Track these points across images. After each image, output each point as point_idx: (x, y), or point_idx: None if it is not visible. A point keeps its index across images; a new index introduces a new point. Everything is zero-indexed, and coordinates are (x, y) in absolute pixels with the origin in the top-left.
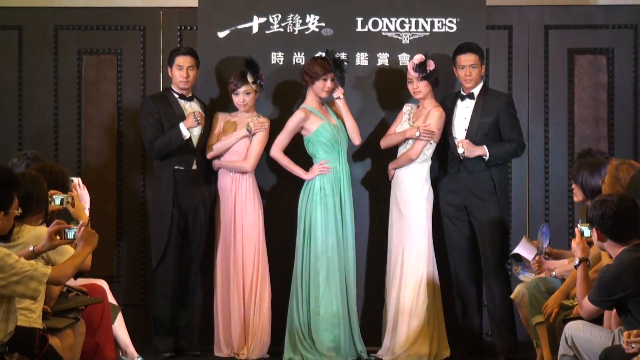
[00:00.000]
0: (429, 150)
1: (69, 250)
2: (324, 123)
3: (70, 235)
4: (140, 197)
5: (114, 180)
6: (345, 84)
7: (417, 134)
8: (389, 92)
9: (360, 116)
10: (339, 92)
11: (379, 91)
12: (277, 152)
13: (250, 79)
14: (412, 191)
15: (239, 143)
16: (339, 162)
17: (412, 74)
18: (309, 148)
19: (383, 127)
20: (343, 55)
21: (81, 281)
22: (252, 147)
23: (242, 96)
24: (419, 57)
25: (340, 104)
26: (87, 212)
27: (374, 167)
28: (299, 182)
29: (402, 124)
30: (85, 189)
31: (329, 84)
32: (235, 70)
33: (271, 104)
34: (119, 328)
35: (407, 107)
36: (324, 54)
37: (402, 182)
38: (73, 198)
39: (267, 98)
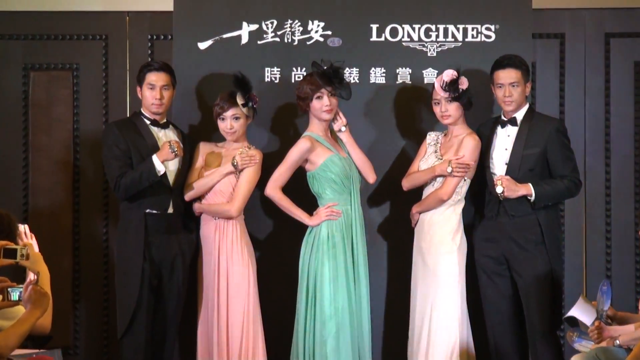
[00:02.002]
0: (463, 188)
1: (18, 312)
2: (333, 155)
3: (15, 296)
4: (103, 248)
5: (70, 227)
6: (357, 106)
7: (449, 169)
8: (411, 116)
9: (375, 147)
10: (340, 124)
11: (398, 116)
12: (274, 190)
13: (239, 100)
14: (442, 240)
15: (224, 181)
16: (351, 204)
17: (440, 93)
18: (314, 186)
19: (403, 160)
20: (354, 72)
21: (26, 353)
22: (238, 187)
23: (229, 122)
24: (449, 74)
25: (344, 138)
26: None
27: (393, 210)
28: (301, 229)
29: (427, 158)
30: (34, 238)
31: (326, 101)
32: (221, 90)
33: (266, 132)
34: None
35: (431, 137)
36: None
37: (429, 228)
38: (27, 248)
39: (260, 125)
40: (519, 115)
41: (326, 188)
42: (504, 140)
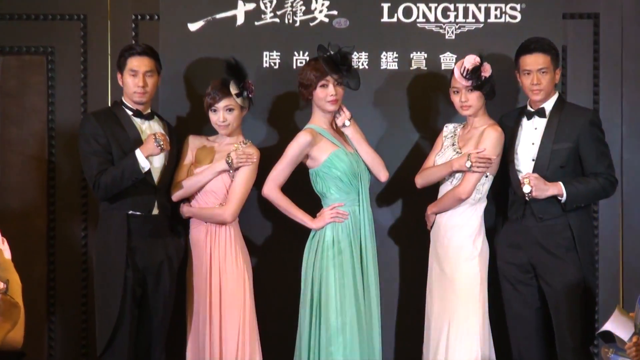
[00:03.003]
0: (484, 185)
1: None
2: (338, 150)
3: None
4: (81, 253)
5: (44, 231)
6: (366, 95)
7: (469, 164)
8: (426, 107)
9: (385, 141)
10: (343, 118)
11: (412, 106)
12: (272, 189)
13: (233, 89)
14: (461, 245)
15: (217, 180)
16: (359, 204)
17: (460, 82)
18: (318, 185)
19: (417, 155)
20: (363, 57)
21: None
22: (233, 188)
23: (222, 114)
24: (471, 60)
25: (350, 133)
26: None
27: (405, 211)
28: (303, 233)
29: (444, 152)
30: (5, 242)
31: (331, 90)
32: (214, 77)
33: (263, 125)
34: None
35: (448, 129)
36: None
37: (447, 232)
38: None
39: (257, 117)
40: (548, 106)
41: (331, 187)
42: (531, 133)
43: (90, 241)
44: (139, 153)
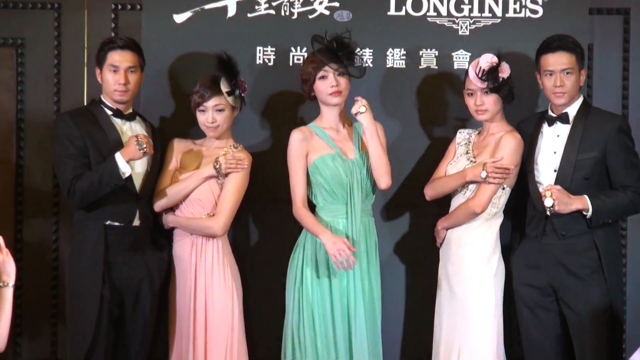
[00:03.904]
0: (501, 199)
1: None
2: (327, 155)
3: None
4: (51, 268)
5: (11, 241)
6: (370, 96)
7: (484, 174)
8: (437, 110)
9: (392, 148)
10: (358, 106)
11: (422, 109)
12: (296, 211)
13: (224, 87)
14: (474, 264)
15: (204, 188)
16: (348, 218)
17: (476, 83)
18: (308, 191)
19: (427, 163)
20: (367, 54)
21: None
22: (224, 198)
23: (211, 114)
24: (488, 59)
25: (364, 122)
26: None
27: (413, 225)
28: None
29: (457, 160)
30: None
31: (331, 80)
32: (202, 74)
33: (257, 127)
34: None
35: (462, 136)
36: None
37: (459, 249)
38: None
39: (249, 118)
40: (572, 111)
41: (317, 194)
42: (553, 141)
43: (63, 254)
44: (119, 157)
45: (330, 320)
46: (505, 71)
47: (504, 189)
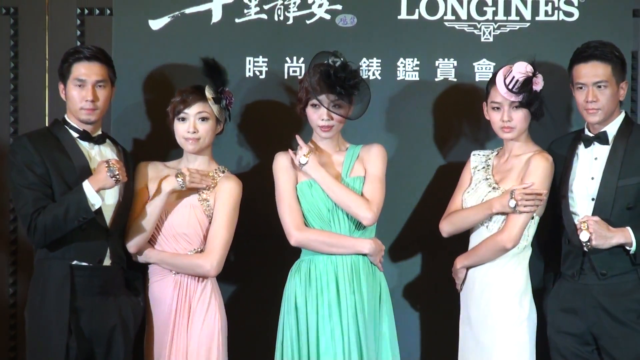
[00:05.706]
0: (530, 229)
1: None
2: (304, 182)
3: None
4: (8, 315)
5: None
6: (378, 112)
7: (513, 202)
8: (456, 129)
9: (402, 172)
10: (299, 156)
11: (438, 126)
12: (299, 235)
13: (209, 93)
14: (504, 307)
15: (189, 220)
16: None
17: (504, 95)
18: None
19: (442, 188)
20: (375, 65)
21: None
22: (215, 233)
23: (192, 122)
24: (522, 68)
25: (310, 174)
26: None
27: (426, 266)
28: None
29: (476, 188)
30: None
31: (323, 113)
32: (182, 86)
33: (245, 148)
34: None
35: (477, 159)
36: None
37: (484, 290)
38: None
39: (236, 138)
40: (611, 129)
41: (309, 222)
42: (590, 164)
43: (21, 298)
44: (87, 186)
45: None
46: (539, 83)
47: (532, 218)
